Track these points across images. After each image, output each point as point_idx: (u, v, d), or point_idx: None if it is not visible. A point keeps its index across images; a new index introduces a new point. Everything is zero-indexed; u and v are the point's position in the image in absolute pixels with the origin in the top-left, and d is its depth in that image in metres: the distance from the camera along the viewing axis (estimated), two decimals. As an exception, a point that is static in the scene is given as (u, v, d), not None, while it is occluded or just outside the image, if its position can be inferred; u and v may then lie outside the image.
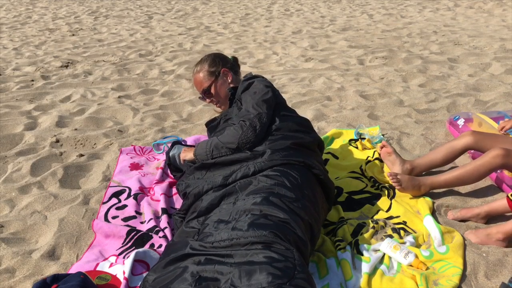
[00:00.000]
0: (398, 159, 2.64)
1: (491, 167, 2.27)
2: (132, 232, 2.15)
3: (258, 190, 1.95)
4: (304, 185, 2.03)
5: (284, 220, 1.79)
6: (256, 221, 1.75)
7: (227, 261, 1.59)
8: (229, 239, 1.68)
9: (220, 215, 1.88)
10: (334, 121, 3.49)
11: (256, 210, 1.82)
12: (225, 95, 2.53)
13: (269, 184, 1.98)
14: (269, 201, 1.87)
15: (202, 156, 2.26)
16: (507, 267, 1.92)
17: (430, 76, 4.62)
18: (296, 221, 1.81)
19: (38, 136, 3.28)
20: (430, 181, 2.41)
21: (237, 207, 1.88)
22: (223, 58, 2.60)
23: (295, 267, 1.56)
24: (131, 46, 6.41)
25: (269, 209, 1.82)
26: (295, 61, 5.44)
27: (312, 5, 10.26)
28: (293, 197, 1.93)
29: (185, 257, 1.66)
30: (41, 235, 2.21)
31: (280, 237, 1.69)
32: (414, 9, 9.22)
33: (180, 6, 10.60)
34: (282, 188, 1.95)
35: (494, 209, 2.21)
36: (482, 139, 2.49)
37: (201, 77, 2.53)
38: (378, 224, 2.20)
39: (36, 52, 6.06)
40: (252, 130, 2.19)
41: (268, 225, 1.73)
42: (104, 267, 1.94)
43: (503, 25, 7.25)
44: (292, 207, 1.87)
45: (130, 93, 4.38)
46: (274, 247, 1.63)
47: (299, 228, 1.78)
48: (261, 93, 2.32)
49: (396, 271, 1.93)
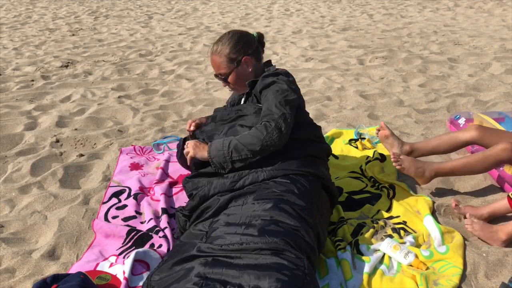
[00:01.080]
0: (396, 140, 2.61)
1: (499, 158, 2.26)
2: (132, 232, 2.14)
3: (267, 196, 1.92)
4: (312, 193, 2.01)
5: (295, 227, 1.77)
6: (267, 227, 1.73)
7: (236, 263, 1.57)
8: (238, 243, 1.67)
9: (229, 218, 1.85)
10: (334, 121, 3.49)
11: (267, 216, 1.80)
12: (242, 85, 2.30)
13: (279, 190, 1.94)
14: (280, 207, 1.85)
15: (220, 158, 2.03)
16: (507, 267, 1.92)
17: (430, 76, 4.62)
18: (306, 229, 1.79)
19: (38, 136, 3.28)
20: (436, 166, 2.36)
21: (247, 212, 1.85)
22: (247, 42, 2.26)
23: (305, 276, 1.55)
24: (131, 46, 6.41)
25: (280, 216, 1.80)
26: (295, 61, 5.44)
27: (312, 5, 10.26)
28: (303, 205, 1.90)
29: (192, 258, 1.65)
30: (41, 235, 2.21)
31: (291, 245, 1.67)
32: (414, 9, 9.22)
33: (180, 6, 10.60)
34: (292, 196, 1.93)
35: (496, 210, 2.21)
36: (488, 134, 2.45)
37: (219, 61, 2.24)
38: (378, 224, 2.20)
39: (36, 52, 6.06)
40: (278, 132, 2.00)
41: (279, 232, 1.72)
42: (104, 267, 1.94)
43: (503, 25, 7.25)
44: (302, 214, 1.85)
45: (130, 93, 4.38)
46: (285, 254, 1.62)
47: (308, 236, 1.78)
48: (285, 93, 2.13)
49: (396, 271, 1.93)
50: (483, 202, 2.40)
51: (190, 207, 2.08)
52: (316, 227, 1.88)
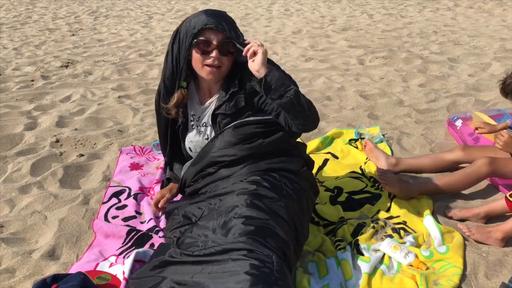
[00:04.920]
0: (381, 153, 2.71)
1: (478, 175, 2.33)
2: (132, 232, 2.14)
3: (239, 193, 1.89)
4: (283, 183, 1.97)
5: (265, 222, 1.75)
6: (236, 227, 1.72)
7: (205, 271, 1.59)
8: (209, 247, 1.66)
9: (200, 221, 1.87)
10: (334, 121, 3.49)
11: (237, 215, 1.78)
12: (226, 71, 2.02)
13: (249, 188, 1.91)
14: (250, 203, 1.82)
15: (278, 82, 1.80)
16: (507, 267, 1.92)
17: (430, 76, 4.62)
18: (277, 222, 1.77)
19: (38, 136, 3.28)
20: (421, 186, 2.41)
21: (219, 212, 1.84)
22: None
23: (273, 272, 1.54)
24: (131, 46, 6.41)
25: (249, 212, 1.78)
26: (295, 61, 5.44)
27: (312, 5, 10.26)
28: (275, 197, 1.88)
29: (164, 264, 1.68)
30: (41, 235, 2.21)
31: (260, 242, 1.66)
32: (414, 9, 9.21)
33: (180, 6, 10.59)
34: (263, 189, 1.90)
35: (493, 210, 2.23)
36: (472, 152, 2.57)
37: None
38: (378, 224, 2.20)
39: (36, 52, 6.06)
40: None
41: (248, 231, 1.69)
42: (104, 267, 1.94)
43: (503, 25, 7.25)
44: (273, 207, 1.83)
45: (130, 93, 4.38)
46: (254, 253, 1.61)
47: (281, 229, 1.75)
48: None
49: (396, 271, 1.93)
50: (483, 202, 2.40)
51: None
52: (292, 218, 1.84)
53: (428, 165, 2.65)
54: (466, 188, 2.42)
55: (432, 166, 2.65)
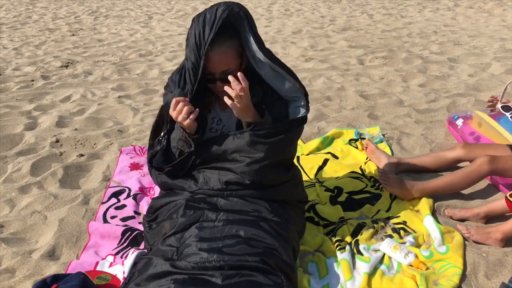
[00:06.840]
0: (382, 154, 2.71)
1: (479, 174, 2.32)
2: (127, 232, 2.15)
3: (241, 212, 1.86)
4: (284, 207, 1.98)
5: (272, 246, 1.73)
6: (245, 246, 1.69)
7: (214, 282, 1.53)
8: (216, 261, 1.61)
9: (202, 233, 1.75)
10: (334, 121, 3.49)
11: (243, 233, 1.74)
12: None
13: (251, 209, 1.88)
14: (257, 224, 1.81)
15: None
16: (507, 267, 1.92)
17: (430, 76, 4.62)
18: (283, 246, 1.77)
19: (38, 136, 3.28)
20: (421, 187, 2.40)
21: (223, 227, 1.78)
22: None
23: None
24: (131, 46, 6.41)
25: (257, 233, 1.76)
26: (295, 61, 5.44)
27: (312, 5, 10.25)
28: (278, 220, 1.88)
29: (166, 274, 1.57)
30: (41, 235, 2.21)
31: (269, 264, 1.65)
32: (414, 9, 9.21)
33: (180, 6, 10.59)
34: (266, 211, 1.89)
35: (493, 210, 2.22)
36: (473, 149, 2.55)
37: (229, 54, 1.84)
38: (378, 224, 2.20)
39: (36, 52, 6.06)
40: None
41: (258, 252, 1.67)
42: (104, 267, 1.94)
43: (503, 25, 7.25)
44: (279, 230, 1.83)
45: (130, 93, 4.38)
46: (264, 273, 1.60)
47: (286, 253, 1.75)
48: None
49: (396, 271, 1.93)
50: (483, 203, 2.40)
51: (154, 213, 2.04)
52: (292, 241, 1.86)
53: (429, 164, 2.65)
54: (467, 187, 2.41)
55: (433, 164, 2.65)
